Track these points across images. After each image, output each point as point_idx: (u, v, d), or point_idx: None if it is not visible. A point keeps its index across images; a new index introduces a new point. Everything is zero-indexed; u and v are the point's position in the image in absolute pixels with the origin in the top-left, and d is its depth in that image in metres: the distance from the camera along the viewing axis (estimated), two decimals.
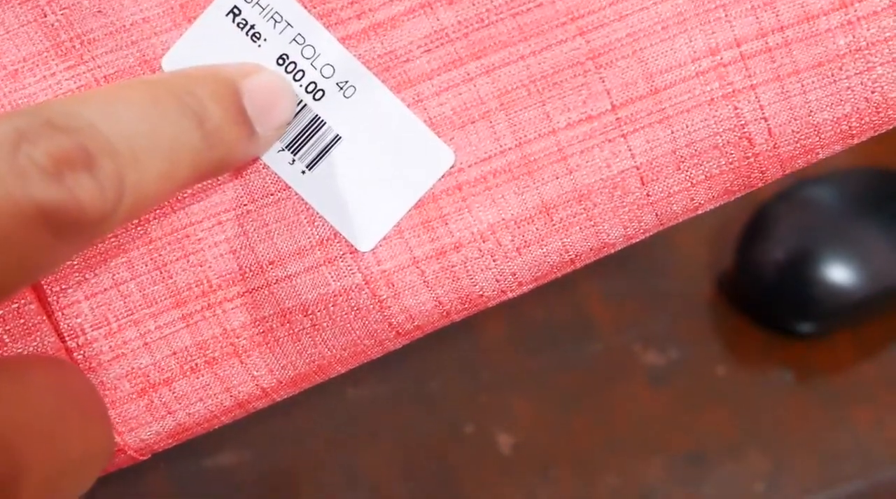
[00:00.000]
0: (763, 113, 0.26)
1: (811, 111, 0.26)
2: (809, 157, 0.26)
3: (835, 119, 0.26)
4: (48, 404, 0.21)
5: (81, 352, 0.26)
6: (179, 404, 0.27)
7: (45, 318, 0.26)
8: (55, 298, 0.26)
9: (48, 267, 0.20)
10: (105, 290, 0.26)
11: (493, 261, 0.26)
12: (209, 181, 0.26)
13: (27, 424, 0.20)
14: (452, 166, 0.26)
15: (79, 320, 0.26)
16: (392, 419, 0.46)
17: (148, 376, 0.27)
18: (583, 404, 0.47)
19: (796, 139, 0.26)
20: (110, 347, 0.26)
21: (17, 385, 0.21)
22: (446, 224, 0.26)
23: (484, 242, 0.26)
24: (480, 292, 0.27)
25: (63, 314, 0.26)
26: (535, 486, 0.44)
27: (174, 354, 0.27)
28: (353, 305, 0.26)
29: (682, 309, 0.49)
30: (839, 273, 0.46)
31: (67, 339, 0.26)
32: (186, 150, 0.22)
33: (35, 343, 0.26)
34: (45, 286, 0.26)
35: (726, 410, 0.46)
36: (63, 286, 0.26)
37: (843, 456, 0.45)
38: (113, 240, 0.26)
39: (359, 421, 0.46)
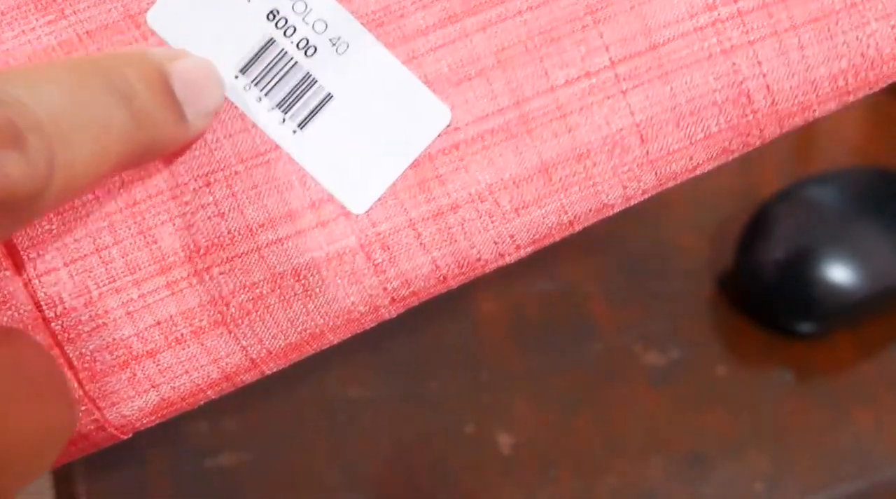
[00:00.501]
0: (761, 69, 0.26)
1: (808, 67, 0.26)
2: (807, 114, 0.26)
3: (831, 75, 0.26)
4: None
5: (59, 322, 0.25)
6: (164, 376, 0.26)
7: (21, 286, 0.25)
8: (32, 264, 0.25)
9: None
10: (85, 256, 0.25)
11: (491, 222, 0.26)
12: (196, 141, 0.25)
13: None
14: (449, 125, 0.25)
15: (57, 288, 0.25)
16: (392, 419, 0.46)
17: (130, 348, 0.25)
18: (583, 404, 0.46)
19: (794, 96, 0.26)
20: (90, 316, 0.25)
21: None
22: (443, 185, 0.26)
23: (482, 202, 0.26)
24: (478, 255, 0.26)
25: (40, 282, 0.25)
26: (535, 486, 0.44)
27: (158, 323, 0.25)
28: (346, 269, 0.26)
29: (682, 309, 0.49)
30: (840, 273, 0.46)
31: (45, 308, 0.25)
32: (115, 129, 0.21)
33: (10, 313, 0.25)
34: (21, 252, 0.25)
35: (726, 410, 0.46)
36: (40, 252, 0.25)
37: (844, 456, 0.45)
38: (94, 204, 0.25)
39: (359, 421, 0.46)
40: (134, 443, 0.46)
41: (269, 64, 0.25)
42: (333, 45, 0.25)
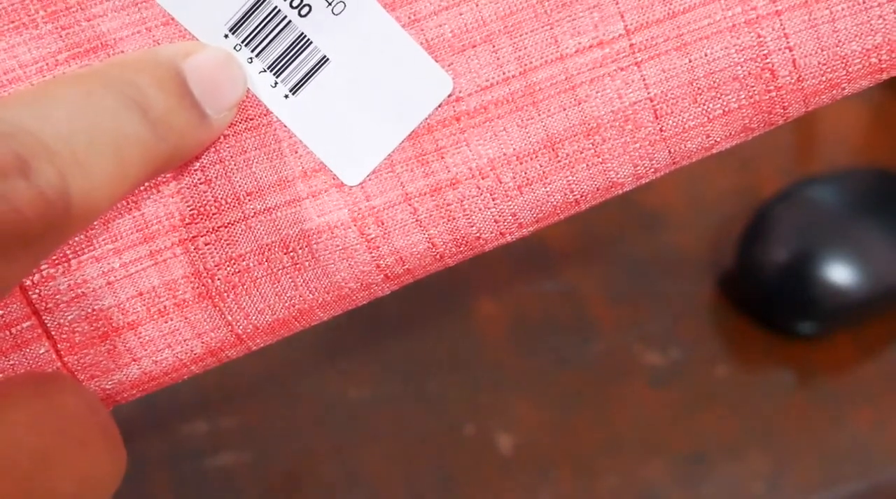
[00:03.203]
0: (788, 42, 0.24)
1: (839, 41, 0.24)
2: (835, 92, 0.24)
3: (864, 51, 0.24)
4: (24, 442, 0.19)
5: (37, 290, 0.24)
6: (145, 350, 0.24)
7: None
8: None
9: None
10: None
11: (493, 200, 0.24)
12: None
13: None
14: (450, 95, 0.24)
15: None
16: (392, 419, 0.46)
17: (111, 319, 0.24)
18: (583, 405, 0.46)
19: (822, 72, 0.24)
20: (69, 285, 0.24)
21: None
22: (442, 158, 0.24)
23: (483, 178, 0.24)
24: (477, 234, 0.25)
25: None
26: (536, 486, 0.44)
27: (140, 294, 0.24)
28: (338, 243, 0.24)
29: (682, 309, 0.49)
30: (840, 273, 0.46)
31: None
32: (133, 144, 0.20)
33: None
34: None
35: (727, 410, 0.46)
36: None
37: (844, 456, 0.45)
38: None
39: (359, 421, 0.46)
40: (134, 443, 0.46)
41: (261, 23, 0.23)
42: (329, 4, 0.23)
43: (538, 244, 0.50)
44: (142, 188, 0.24)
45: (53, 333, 0.24)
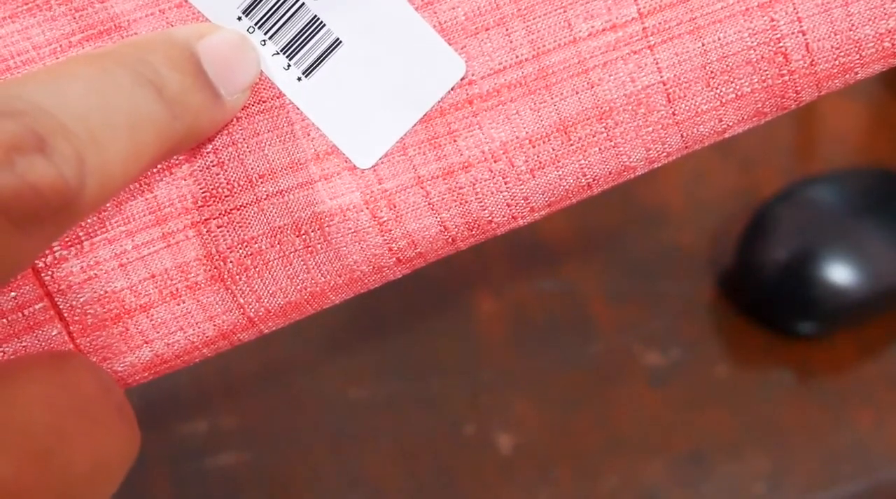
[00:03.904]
0: (801, 26, 0.23)
1: (853, 25, 0.24)
2: (847, 77, 0.24)
3: (877, 34, 0.24)
4: (40, 419, 0.19)
5: (49, 272, 0.24)
6: (157, 332, 0.24)
7: None
8: None
9: (15, 265, 0.18)
10: None
11: (505, 183, 0.24)
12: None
13: (14, 446, 0.18)
14: (463, 78, 0.24)
15: None
16: (392, 419, 0.46)
17: (123, 301, 0.24)
18: (583, 404, 0.46)
19: (835, 56, 0.24)
20: (82, 267, 0.24)
21: None
22: (455, 141, 0.24)
23: (495, 162, 0.24)
24: (489, 218, 0.24)
25: None
26: (536, 486, 0.44)
27: (153, 277, 0.24)
28: (350, 226, 0.24)
29: (682, 309, 0.49)
30: (840, 273, 0.46)
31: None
32: (148, 122, 0.20)
33: None
34: None
35: (727, 410, 0.46)
36: None
37: (844, 456, 0.45)
38: None
39: (359, 421, 0.46)
40: None
41: (274, 5, 0.23)
42: None
43: (539, 244, 0.50)
44: (154, 171, 0.23)
45: (66, 314, 0.24)
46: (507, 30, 0.24)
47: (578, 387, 0.46)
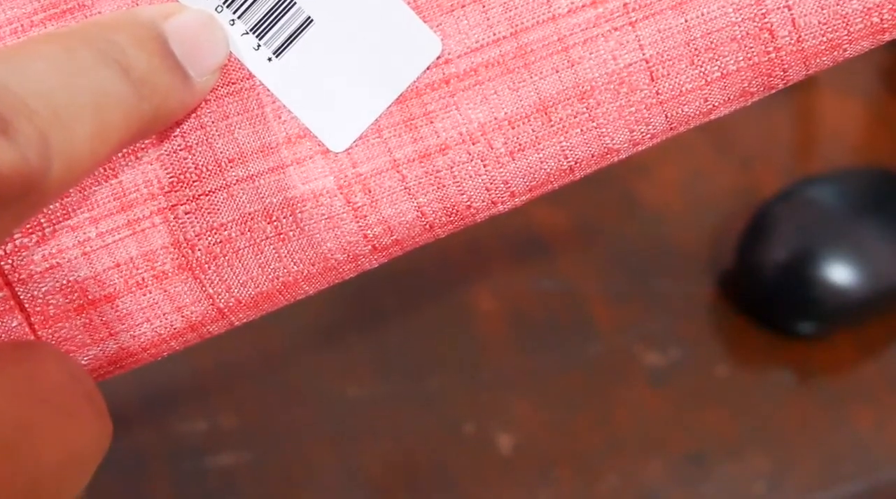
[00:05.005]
0: (787, 0, 0.23)
1: (839, 0, 0.23)
2: (836, 54, 0.23)
3: (865, 9, 0.23)
4: (5, 411, 0.18)
5: (10, 260, 0.23)
6: (123, 324, 0.23)
7: None
8: None
9: None
10: None
11: (484, 166, 0.23)
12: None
13: None
14: (439, 57, 0.23)
15: None
16: (392, 419, 0.46)
17: (86, 291, 0.23)
18: (583, 404, 0.46)
19: (822, 32, 0.23)
20: (43, 256, 0.23)
21: None
22: (431, 123, 0.23)
23: (473, 144, 0.23)
24: (468, 202, 0.24)
25: None
26: (536, 486, 0.44)
27: (117, 266, 0.23)
28: (323, 212, 0.23)
29: (682, 309, 0.48)
30: (840, 273, 0.45)
31: None
32: (115, 103, 0.19)
33: None
34: None
35: (727, 410, 0.46)
36: None
37: (844, 456, 0.45)
38: None
39: (359, 421, 0.46)
40: (133, 441, 0.46)
41: None
42: None
43: (538, 243, 0.50)
44: (120, 155, 0.23)
45: (27, 305, 0.23)
46: (483, 6, 0.23)
47: (578, 387, 0.46)
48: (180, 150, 0.23)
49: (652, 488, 0.44)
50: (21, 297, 0.23)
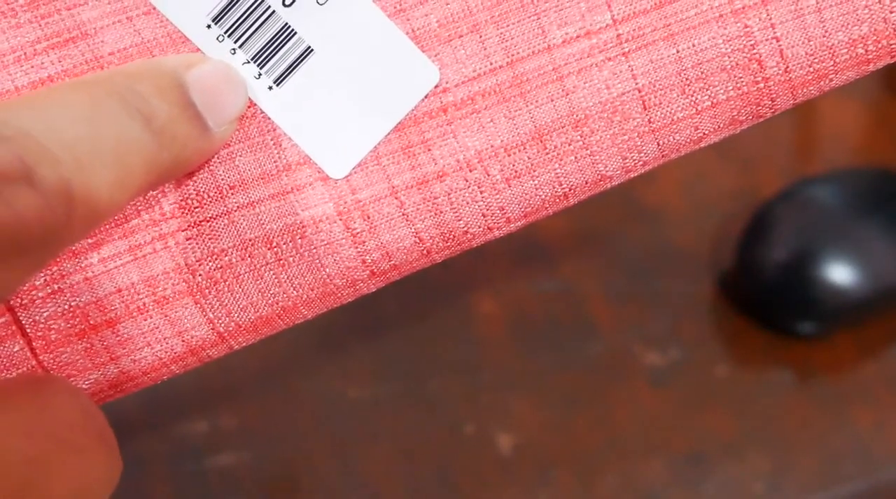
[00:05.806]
0: (774, 32, 0.23)
1: (826, 31, 0.23)
2: (822, 83, 0.24)
3: (850, 41, 0.23)
4: (18, 449, 0.18)
5: None
6: (124, 348, 0.24)
7: None
8: None
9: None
10: None
11: (480, 193, 0.24)
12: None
13: None
14: (437, 86, 0.23)
15: None
16: (392, 420, 0.46)
17: (88, 316, 0.23)
18: (583, 405, 0.46)
19: (809, 62, 0.24)
20: (45, 281, 0.23)
21: None
22: (429, 150, 0.24)
23: (470, 171, 0.24)
24: (465, 228, 0.24)
25: None
26: (536, 486, 0.44)
27: (119, 291, 0.23)
28: (323, 238, 0.24)
29: (682, 309, 0.48)
30: (840, 273, 0.45)
31: None
32: (136, 152, 0.20)
33: None
34: None
35: (727, 410, 0.46)
36: None
37: (844, 456, 0.45)
38: None
39: (359, 421, 0.46)
40: (134, 443, 0.46)
41: (244, 13, 0.23)
42: None
43: (538, 244, 0.50)
44: None
45: (28, 330, 0.23)
46: (480, 37, 0.23)
47: (578, 387, 0.46)
48: (182, 176, 0.23)
49: (652, 488, 0.44)
50: (23, 322, 0.23)
